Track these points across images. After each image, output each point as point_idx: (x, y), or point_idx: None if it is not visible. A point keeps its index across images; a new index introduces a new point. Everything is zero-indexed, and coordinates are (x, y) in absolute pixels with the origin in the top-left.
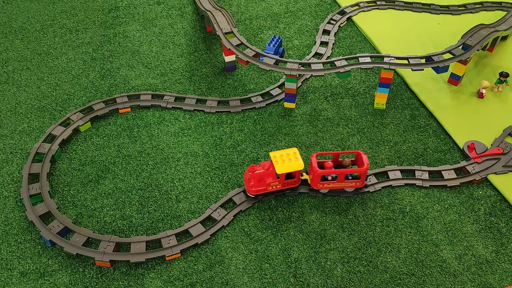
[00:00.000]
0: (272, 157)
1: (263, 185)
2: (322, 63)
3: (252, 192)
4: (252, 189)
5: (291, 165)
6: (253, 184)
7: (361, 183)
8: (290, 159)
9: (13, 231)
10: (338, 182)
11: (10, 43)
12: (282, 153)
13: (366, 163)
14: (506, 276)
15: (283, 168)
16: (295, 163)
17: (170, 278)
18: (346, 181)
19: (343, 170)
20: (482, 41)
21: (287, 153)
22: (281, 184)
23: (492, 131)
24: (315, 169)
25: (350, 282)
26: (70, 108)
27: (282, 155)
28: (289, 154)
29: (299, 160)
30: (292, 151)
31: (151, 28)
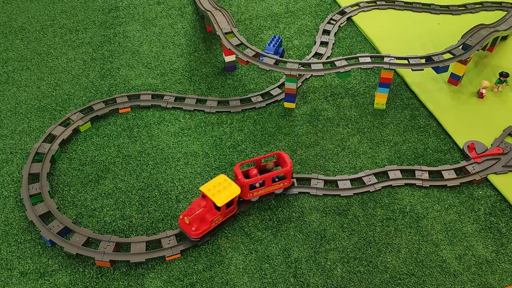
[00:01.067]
0: (206, 191)
1: (206, 224)
2: (322, 63)
3: (198, 235)
4: (197, 232)
5: (228, 192)
6: (197, 227)
7: (288, 182)
8: (224, 187)
9: (13, 231)
10: (267, 187)
11: (10, 43)
12: (214, 183)
13: (289, 161)
14: (506, 276)
15: (222, 198)
16: (231, 189)
17: (170, 278)
18: (274, 184)
19: (268, 174)
20: (482, 41)
21: (218, 182)
22: (222, 215)
23: (492, 131)
24: (242, 180)
25: (350, 282)
26: (70, 108)
27: (214, 186)
28: (220, 183)
29: (232, 185)
30: (222, 178)
31: (151, 28)
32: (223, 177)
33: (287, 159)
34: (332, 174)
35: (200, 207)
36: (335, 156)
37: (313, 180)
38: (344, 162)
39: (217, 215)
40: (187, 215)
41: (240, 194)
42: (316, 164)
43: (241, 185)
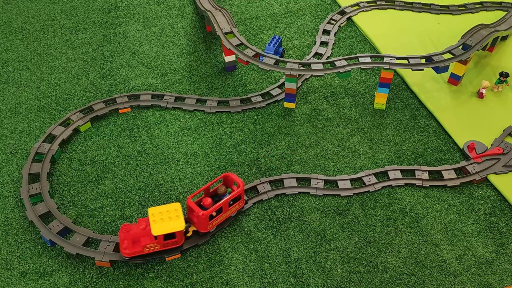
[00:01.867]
0: (150, 214)
1: (138, 247)
2: (322, 63)
3: (126, 255)
4: (126, 251)
5: (170, 224)
6: (126, 246)
7: (242, 202)
8: (170, 217)
9: (13, 231)
10: (224, 213)
11: (10, 43)
12: (162, 209)
13: (240, 180)
14: (506, 276)
15: (160, 228)
16: (174, 223)
17: (170, 278)
18: (230, 207)
19: (225, 200)
20: (482, 41)
21: (167, 210)
22: (160, 245)
23: (492, 131)
24: (200, 212)
25: (350, 282)
26: (70, 108)
27: (161, 212)
28: (169, 211)
29: (180, 219)
30: (174, 207)
31: (151, 28)
32: (177, 206)
33: (236, 178)
34: (332, 174)
35: (140, 228)
36: (335, 156)
37: (313, 180)
38: (344, 162)
39: (153, 243)
40: (123, 230)
41: (197, 228)
42: (316, 164)
43: (200, 218)
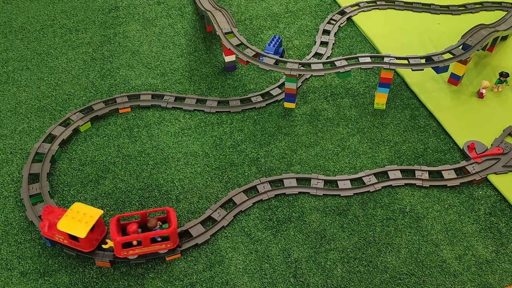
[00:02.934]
0: (71, 209)
1: (51, 232)
2: (322, 63)
3: (43, 234)
4: (43, 230)
5: (74, 226)
6: (44, 226)
7: (173, 243)
8: (80, 220)
9: (13, 231)
10: (145, 247)
11: (10, 43)
12: (83, 209)
13: (174, 222)
14: (506, 276)
15: (64, 225)
16: (78, 227)
17: (170, 278)
18: (155, 244)
19: (146, 234)
20: (482, 41)
21: (86, 212)
22: (67, 240)
23: (492, 131)
24: (114, 236)
25: (350, 282)
26: (70, 108)
27: (79, 212)
28: (86, 214)
29: (85, 227)
30: (95, 213)
31: (151, 28)
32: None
33: (173, 218)
34: (332, 174)
35: (59, 215)
36: (335, 156)
37: (313, 180)
38: (344, 162)
39: (61, 235)
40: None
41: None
42: (316, 164)
43: (113, 240)
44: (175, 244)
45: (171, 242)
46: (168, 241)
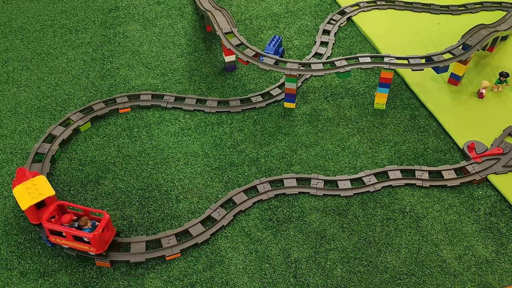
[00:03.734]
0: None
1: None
2: (322, 63)
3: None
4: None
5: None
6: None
7: (95, 249)
8: (30, 193)
9: (13, 231)
10: (69, 241)
11: (10, 43)
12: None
13: (99, 229)
14: (506, 276)
15: (18, 192)
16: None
17: (170, 278)
18: (79, 242)
19: (69, 229)
20: (482, 41)
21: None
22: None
23: (492, 131)
24: (44, 218)
25: (350, 282)
26: (70, 108)
27: (36, 186)
28: (39, 189)
29: (27, 201)
30: (48, 191)
31: (151, 28)
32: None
33: (101, 224)
34: (332, 174)
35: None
36: (335, 156)
37: (313, 180)
38: (344, 162)
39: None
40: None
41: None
42: (316, 164)
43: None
44: (99, 251)
45: (93, 247)
46: (91, 245)
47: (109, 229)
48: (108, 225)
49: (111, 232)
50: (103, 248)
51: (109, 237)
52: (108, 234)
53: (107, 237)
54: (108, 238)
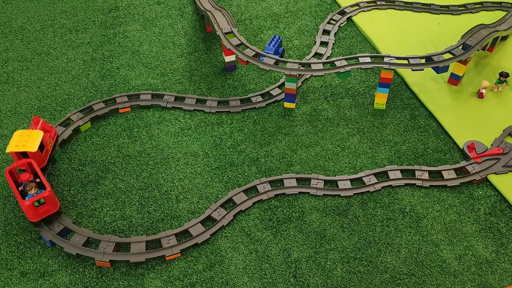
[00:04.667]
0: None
1: None
2: (322, 63)
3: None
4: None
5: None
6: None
7: (26, 215)
8: (25, 142)
9: (13, 231)
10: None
11: (10, 43)
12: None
13: (33, 200)
14: (506, 276)
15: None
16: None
17: (170, 278)
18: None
19: (14, 186)
20: (482, 41)
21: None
22: None
23: (492, 131)
24: (10, 166)
25: (350, 282)
26: (70, 108)
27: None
28: (31, 142)
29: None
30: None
31: (151, 28)
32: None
33: (35, 198)
34: (332, 174)
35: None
36: (335, 156)
37: (313, 180)
38: (344, 162)
39: None
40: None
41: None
42: (316, 164)
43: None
44: (30, 219)
45: (25, 212)
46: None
47: (48, 204)
48: (48, 200)
49: (49, 208)
50: (33, 218)
51: (45, 212)
52: (45, 208)
53: (41, 211)
54: (42, 212)
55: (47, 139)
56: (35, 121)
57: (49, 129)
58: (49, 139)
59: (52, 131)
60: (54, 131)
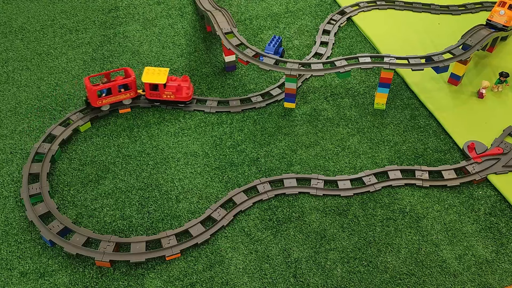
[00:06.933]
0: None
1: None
2: (322, 63)
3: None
4: None
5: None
6: None
7: (134, 93)
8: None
9: (13, 231)
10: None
11: (10, 43)
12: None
13: (133, 74)
14: (506, 276)
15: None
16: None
17: (170, 278)
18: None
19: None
20: (482, 41)
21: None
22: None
23: (492, 131)
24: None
25: (350, 282)
26: (70, 108)
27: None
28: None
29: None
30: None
31: (151, 28)
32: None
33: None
34: (332, 174)
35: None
36: (335, 156)
37: (313, 180)
38: (344, 162)
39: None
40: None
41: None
42: (316, 164)
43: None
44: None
45: (133, 91)
46: (131, 90)
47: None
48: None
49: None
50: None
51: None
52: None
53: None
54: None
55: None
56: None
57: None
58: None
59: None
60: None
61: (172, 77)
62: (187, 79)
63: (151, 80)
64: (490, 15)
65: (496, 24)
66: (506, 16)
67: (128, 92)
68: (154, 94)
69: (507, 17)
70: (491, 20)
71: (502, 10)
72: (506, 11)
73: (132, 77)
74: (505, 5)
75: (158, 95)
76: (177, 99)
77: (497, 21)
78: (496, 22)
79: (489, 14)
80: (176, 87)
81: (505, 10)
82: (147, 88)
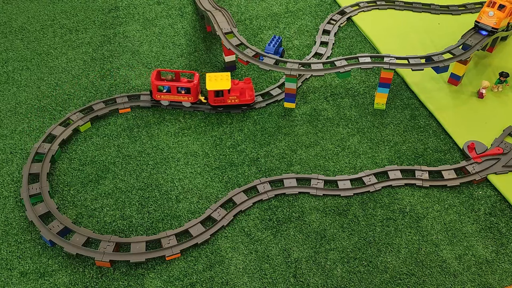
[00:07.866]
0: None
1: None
2: (322, 63)
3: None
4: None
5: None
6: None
7: (194, 98)
8: (221, 79)
9: (13, 231)
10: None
11: (10, 43)
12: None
13: (197, 79)
14: (506, 276)
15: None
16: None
17: (170, 278)
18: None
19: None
20: (482, 41)
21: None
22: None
23: (492, 131)
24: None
25: (350, 282)
26: (70, 108)
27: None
28: (222, 78)
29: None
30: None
31: (151, 28)
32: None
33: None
34: (332, 174)
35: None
36: (335, 156)
37: (313, 180)
38: (344, 162)
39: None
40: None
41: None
42: (316, 164)
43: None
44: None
45: (192, 96)
46: (190, 95)
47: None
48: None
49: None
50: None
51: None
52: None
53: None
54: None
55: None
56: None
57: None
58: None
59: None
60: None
61: (235, 81)
62: (250, 81)
63: (216, 87)
64: (479, 17)
65: (485, 26)
66: (496, 17)
67: (187, 96)
68: (218, 100)
69: (497, 19)
70: (479, 22)
71: (491, 11)
72: (496, 12)
73: (192, 83)
74: (495, 5)
75: (222, 101)
76: (241, 102)
77: (486, 23)
78: (484, 25)
79: (478, 15)
80: (240, 91)
81: (495, 11)
82: (211, 95)
